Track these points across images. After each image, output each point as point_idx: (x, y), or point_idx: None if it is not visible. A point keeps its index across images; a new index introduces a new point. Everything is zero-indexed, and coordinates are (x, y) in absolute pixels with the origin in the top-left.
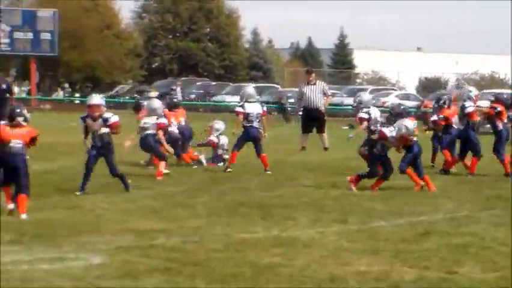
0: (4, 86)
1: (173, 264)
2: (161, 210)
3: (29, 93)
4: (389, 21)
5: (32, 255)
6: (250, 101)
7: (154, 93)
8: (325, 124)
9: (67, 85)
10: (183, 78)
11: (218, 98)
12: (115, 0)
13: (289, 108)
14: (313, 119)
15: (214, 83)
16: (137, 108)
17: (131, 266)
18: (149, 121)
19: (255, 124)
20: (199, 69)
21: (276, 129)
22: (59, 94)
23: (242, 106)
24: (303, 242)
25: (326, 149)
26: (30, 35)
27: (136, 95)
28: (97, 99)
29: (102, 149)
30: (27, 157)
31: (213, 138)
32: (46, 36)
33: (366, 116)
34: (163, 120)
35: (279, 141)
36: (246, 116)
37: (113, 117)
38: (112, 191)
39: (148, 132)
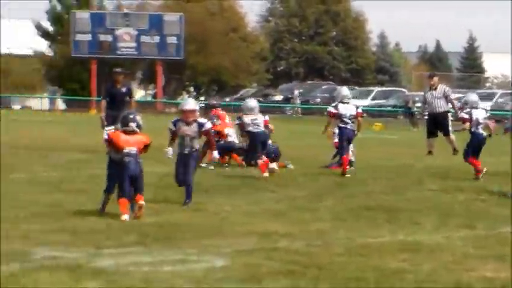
0: (124, 90)
1: (297, 267)
2: (284, 213)
3: (154, 96)
4: None
5: (154, 257)
6: (344, 102)
7: (279, 97)
8: (448, 127)
9: (192, 88)
10: (309, 82)
11: None
12: (241, 0)
13: (416, 112)
14: (437, 124)
15: (339, 87)
16: (208, 108)
17: (254, 269)
18: (259, 118)
19: (349, 126)
20: (325, 73)
21: (403, 133)
22: (185, 97)
23: (335, 107)
24: (429, 246)
25: (455, 150)
26: (156, 39)
27: (260, 99)
28: (192, 104)
29: (188, 156)
30: (140, 160)
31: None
32: (172, 40)
33: (466, 116)
34: (267, 118)
35: (406, 145)
36: (339, 116)
37: (208, 124)
38: (235, 193)
39: (262, 128)
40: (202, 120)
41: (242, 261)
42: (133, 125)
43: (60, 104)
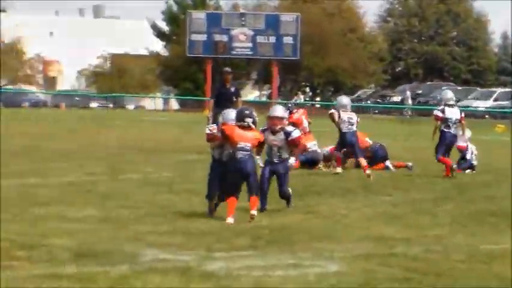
0: (232, 89)
1: (414, 274)
2: (402, 217)
3: (269, 97)
4: None
5: (266, 260)
6: (449, 105)
7: (397, 98)
8: None
9: (307, 89)
10: (428, 83)
11: (464, 103)
12: None
13: None
14: None
15: (460, 88)
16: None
17: (370, 275)
18: (354, 117)
19: (453, 130)
20: (445, 74)
21: None
22: (300, 98)
23: (442, 110)
24: None
25: None
26: (272, 39)
27: (378, 100)
28: (280, 111)
29: (278, 165)
30: (258, 158)
31: (462, 143)
32: (288, 40)
33: None
34: (359, 120)
35: None
36: (445, 120)
37: (295, 132)
38: (350, 196)
39: (355, 128)
40: (289, 128)
41: (357, 267)
42: (249, 120)
43: (174, 104)
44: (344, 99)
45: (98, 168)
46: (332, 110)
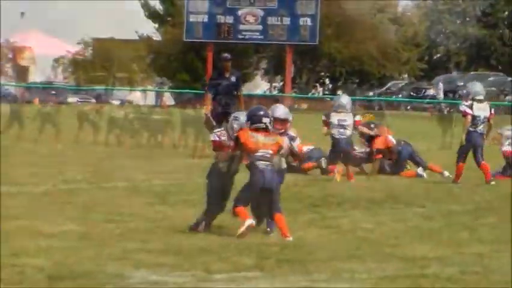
0: (233, 79)
1: None
2: (436, 232)
3: (281, 90)
4: None
5: (274, 283)
6: (477, 100)
7: (432, 92)
8: None
9: (327, 80)
10: (472, 73)
11: None
12: None
13: None
14: None
15: (510, 79)
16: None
17: None
18: (348, 119)
19: (479, 129)
20: (492, 61)
21: None
22: (318, 91)
23: (470, 106)
24: None
25: None
26: (286, 21)
27: (412, 93)
28: (283, 111)
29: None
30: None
31: (507, 148)
32: (306, 21)
33: None
34: (358, 118)
35: None
36: (473, 118)
37: (297, 139)
38: (376, 208)
39: (349, 133)
40: (292, 133)
41: None
42: (266, 120)
43: (168, 99)
44: (343, 99)
45: (79, 174)
46: (323, 118)
